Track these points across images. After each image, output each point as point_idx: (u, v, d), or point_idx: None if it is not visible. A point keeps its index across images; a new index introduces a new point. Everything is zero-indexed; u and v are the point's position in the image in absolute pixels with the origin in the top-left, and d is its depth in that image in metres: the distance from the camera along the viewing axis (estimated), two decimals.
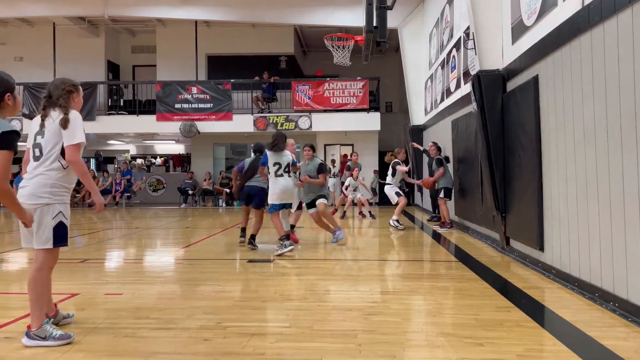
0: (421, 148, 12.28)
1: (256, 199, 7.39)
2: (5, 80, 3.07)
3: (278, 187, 6.90)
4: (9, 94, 3.05)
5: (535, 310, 4.06)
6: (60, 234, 3.26)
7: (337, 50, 10.34)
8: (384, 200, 13.19)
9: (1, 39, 19.15)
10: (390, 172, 10.09)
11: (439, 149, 10.13)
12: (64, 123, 3.25)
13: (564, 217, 4.82)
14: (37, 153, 3.30)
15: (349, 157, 15.19)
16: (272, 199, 6.99)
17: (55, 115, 3.31)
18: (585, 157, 4.37)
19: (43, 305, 3.26)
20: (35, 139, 3.33)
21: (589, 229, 4.29)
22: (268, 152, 6.98)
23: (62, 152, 3.27)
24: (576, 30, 4.46)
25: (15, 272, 6.08)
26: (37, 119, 3.37)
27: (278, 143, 6.93)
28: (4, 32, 19.14)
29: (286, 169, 6.96)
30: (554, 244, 5.08)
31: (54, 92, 3.38)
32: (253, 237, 7.23)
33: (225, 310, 4.04)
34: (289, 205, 7.35)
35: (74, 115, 3.33)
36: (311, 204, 7.56)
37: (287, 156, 7.04)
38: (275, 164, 6.92)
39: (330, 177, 14.27)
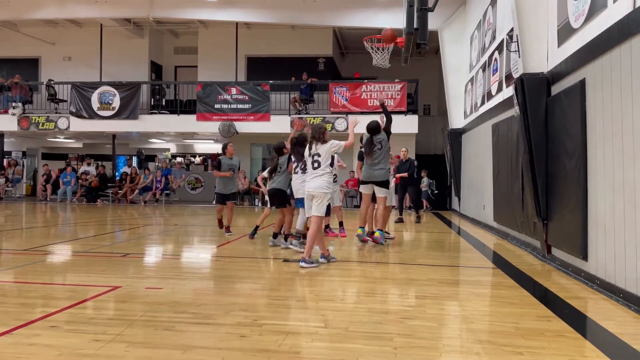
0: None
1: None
2: (224, 144, 7.97)
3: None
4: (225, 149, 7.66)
5: (577, 320, 3.94)
6: (328, 209, 6.24)
7: (376, 52, 10.26)
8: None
9: (51, 39, 19.93)
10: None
11: None
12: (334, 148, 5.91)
13: (609, 226, 4.66)
14: (316, 165, 5.87)
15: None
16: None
17: (320, 146, 5.87)
18: (634, 165, 4.21)
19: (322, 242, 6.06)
20: (313, 157, 5.89)
21: (637, 239, 4.13)
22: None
23: (330, 164, 5.97)
24: (627, 33, 4.30)
25: (59, 264, 6.30)
26: (307, 148, 5.98)
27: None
28: (54, 33, 19.91)
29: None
30: (598, 254, 4.91)
31: (316, 135, 5.90)
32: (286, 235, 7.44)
33: (262, 308, 4.08)
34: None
35: (333, 141, 5.95)
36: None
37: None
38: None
39: None
